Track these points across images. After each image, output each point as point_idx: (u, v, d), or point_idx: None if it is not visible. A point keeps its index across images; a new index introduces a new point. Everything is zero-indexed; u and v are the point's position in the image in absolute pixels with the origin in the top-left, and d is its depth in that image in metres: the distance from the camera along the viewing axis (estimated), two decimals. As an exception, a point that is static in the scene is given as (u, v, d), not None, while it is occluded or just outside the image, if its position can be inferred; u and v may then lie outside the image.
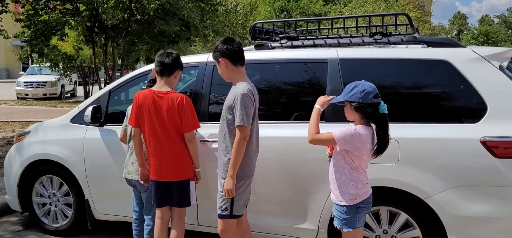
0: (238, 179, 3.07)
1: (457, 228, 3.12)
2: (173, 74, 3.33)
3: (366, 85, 2.71)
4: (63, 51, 15.38)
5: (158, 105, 3.24)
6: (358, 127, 2.73)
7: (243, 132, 2.95)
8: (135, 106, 3.33)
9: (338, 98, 2.86)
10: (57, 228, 4.57)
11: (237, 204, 3.10)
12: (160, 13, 12.24)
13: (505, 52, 3.35)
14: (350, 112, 2.77)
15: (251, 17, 19.67)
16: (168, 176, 3.30)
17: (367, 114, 2.71)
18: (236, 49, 3.10)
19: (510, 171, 3.00)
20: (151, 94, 3.28)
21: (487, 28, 64.33)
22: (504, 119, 3.06)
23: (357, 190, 2.77)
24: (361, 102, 2.69)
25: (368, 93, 2.68)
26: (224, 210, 3.10)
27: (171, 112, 3.23)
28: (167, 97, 3.25)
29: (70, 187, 4.44)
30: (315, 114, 2.90)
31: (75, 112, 4.47)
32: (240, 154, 2.98)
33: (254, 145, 3.14)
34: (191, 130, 3.29)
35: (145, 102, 3.28)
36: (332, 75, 3.49)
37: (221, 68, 3.16)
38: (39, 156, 4.49)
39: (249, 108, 2.95)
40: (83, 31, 13.37)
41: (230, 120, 3.04)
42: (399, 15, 3.85)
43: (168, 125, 3.25)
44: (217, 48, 3.14)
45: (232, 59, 3.09)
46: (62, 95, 20.45)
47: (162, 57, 3.31)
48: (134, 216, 3.74)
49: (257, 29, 4.15)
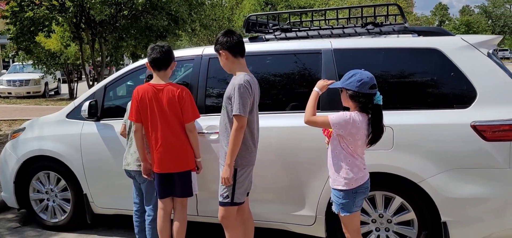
0: (239, 168, 3.14)
1: (450, 209, 3.25)
2: (169, 66, 3.40)
3: (364, 75, 2.80)
4: (46, 48, 15.17)
5: (159, 98, 3.30)
6: (353, 113, 2.83)
7: (239, 121, 3.03)
8: (135, 101, 3.37)
9: (336, 84, 2.95)
10: (56, 223, 4.59)
11: (238, 192, 3.18)
12: (148, 7, 12.18)
13: (492, 40, 3.49)
14: (346, 99, 2.87)
15: (236, 10, 19.68)
16: (171, 168, 3.36)
17: (360, 103, 2.80)
18: (236, 41, 3.17)
19: (498, 154, 3.14)
20: (150, 87, 3.34)
21: (468, 18, 65.51)
22: (492, 104, 3.19)
23: (353, 175, 2.86)
24: (356, 91, 2.78)
25: (365, 83, 2.78)
26: (225, 198, 3.18)
27: (172, 103, 3.29)
28: (166, 89, 3.31)
29: (67, 182, 4.46)
30: (313, 96, 3.00)
31: (71, 107, 4.48)
32: (237, 143, 3.05)
33: (255, 135, 3.22)
34: (192, 120, 3.36)
35: (145, 96, 3.32)
36: (327, 65, 3.58)
37: (222, 60, 3.23)
38: (35, 152, 4.50)
39: (245, 98, 3.02)
40: (70, 28, 13.20)
41: (230, 110, 3.11)
42: (390, 5, 3.96)
43: (170, 117, 3.31)
44: (218, 40, 3.20)
45: (232, 51, 3.16)
46: (46, 93, 20.15)
47: (155, 51, 3.35)
48: (135, 208, 3.79)
49: (251, 22, 4.21)
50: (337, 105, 3.18)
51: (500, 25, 74.07)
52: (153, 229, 3.62)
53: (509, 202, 3.19)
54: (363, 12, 4.20)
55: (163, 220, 3.48)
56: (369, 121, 2.84)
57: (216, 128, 3.73)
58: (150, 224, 3.63)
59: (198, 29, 15.66)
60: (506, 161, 3.12)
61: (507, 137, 3.12)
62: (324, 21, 4.39)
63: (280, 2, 27.67)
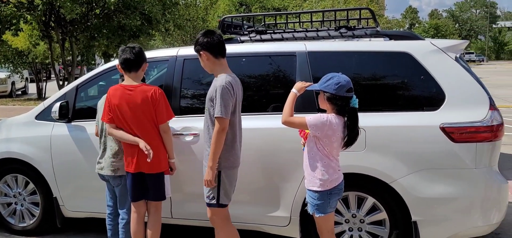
0: (223, 170, 3.13)
1: (420, 209, 3.34)
2: (140, 68, 3.35)
3: (341, 78, 2.86)
4: (14, 47, 14.70)
5: (131, 98, 3.25)
6: (330, 115, 2.88)
7: (221, 123, 3.01)
8: (107, 102, 3.32)
9: (314, 86, 2.99)
10: (24, 228, 4.46)
11: (222, 194, 3.16)
12: (121, 7, 11.97)
13: (460, 44, 3.61)
14: (323, 101, 2.92)
15: (211, 11, 19.60)
16: (143, 168, 3.32)
17: (337, 105, 2.86)
18: (216, 42, 3.14)
19: (465, 155, 3.25)
20: (121, 88, 3.29)
21: (437, 21, 67.47)
22: (460, 106, 3.30)
23: (328, 176, 2.91)
24: (334, 93, 2.83)
25: (342, 87, 2.83)
26: (211, 199, 3.16)
27: (145, 104, 3.24)
28: (139, 89, 3.26)
29: (36, 185, 4.34)
30: (291, 97, 3.03)
31: (40, 108, 4.36)
32: (219, 145, 3.04)
33: (237, 135, 3.20)
34: (165, 120, 3.32)
35: (116, 97, 3.28)
36: (301, 67, 3.62)
37: (203, 60, 3.19)
38: (2, 155, 4.36)
39: (227, 100, 3.01)
40: (39, 26, 12.82)
41: (212, 112, 3.09)
42: (363, 9, 4.04)
43: (143, 117, 3.26)
44: (198, 41, 3.16)
45: (213, 52, 3.13)
46: (13, 93, 19.54)
47: (126, 53, 3.30)
48: (108, 211, 3.73)
49: (226, 23, 4.21)
50: (310, 107, 3.21)
51: (467, 28, 76.74)
52: (126, 233, 3.56)
53: (475, 201, 3.31)
54: (336, 15, 4.26)
55: (137, 223, 3.44)
56: (345, 124, 2.89)
57: (191, 130, 3.72)
58: (123, 228, 3.57)
59: (172, 29, 15.51)
60: (473, 161, 3.24)
61: (473, 139, 3.23)
62: (299, 23, 4.43)
63: (254, 3, 27.74)
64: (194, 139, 3.71)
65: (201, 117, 3.80)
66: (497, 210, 3.37)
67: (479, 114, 3.26)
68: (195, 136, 3.70)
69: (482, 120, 3.24)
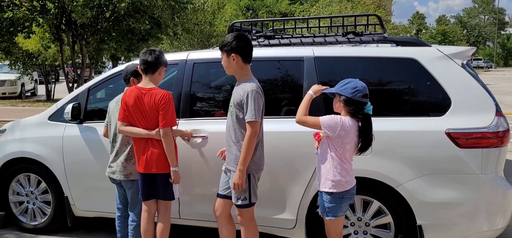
0: (253, 173, 3.19)
1: (425, 213, 3.38)
2: (157, 71, 3.42)
3: (358, 83, 2.93)
4: (24, 49, 14.89)
5: (142, 100, 3.34)
6: (344, 117, 2.95)
7: (254, 127, 3.06)
8: (122, 102, 3.41)
9: (330, 90, 3.06)
10: (36, 226, 4.55)
11: (252, 194, 3.23)
12: (131, 11, 12.12)
13: (467, 51, 3.65)
14: (338, 104, 2.99)
15: (218, 15, 19.73)
16: (154, 169, 3.39)
17: (352, 109, 2.93)
18: (250, 47, 3.19)
19: (471, 160, 3.29)
20: (136, 90, 3.38)
21: (444, 28, 67.15)
22: (466, 112, 3.35)
23: (341, 178, 2.96)
24: (350, 97, 2.91)
25: (358, 91, 2.91)
26: (243, 200, 3.22)
27: (152, 108, 3.33)
28: (149, 93, 3.34)
29: (48, 184, 4.43)
30: (306, 98, 3.11)
31: (53, 109, 4.46)
32: (251, 149, 3.09)
33: (261, 139, 3.25)
34: (166, 126, 3.33)
35: (130, 98, 3.37)
36: (309, 72, 3.68)
37: (230, 62, 3.18)
38: (16, 154, 4.46)
39: (259, 104, 3.07)
40: (50, 29, 13.00)
41: (240, 116, 3.14)
42: (370, 15, 4.09)
43: (151, 120, 3.35)
44: (231, 43, 3.14)
45: (244, 56, 3.18)
46: (22, 94, 19.74)
47: (146, 55, 3.39)
48: (118, 213, 3.80)
49: (235, 28, 4.28)
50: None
51: (475, 35, 76.30)
52: (136, 235, 3.62)
53: (481, 206, 3.35)
54: (344, 21, 4.31)
55: (147, 221, 3.52)
56: (359, 128, 2.95)
57: (200, 132, 3.78)
58: (133, 230, 3.63)
59: (180, 33, 15.64)
60: (478, 167, 3.27)
61: (479, 144, 3.27)
62: (307, 29, 4.49)
63: (261, 8, 27.86)
64: (203, 142, 3.77)
65: (210, 120, 3.89)
66: (502, 215, 3.39)
67: (485, 120, 3.30)
68: (204, 138, 3.77)
69: (488, 126, 3.28)
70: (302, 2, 30.55)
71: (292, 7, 28.06)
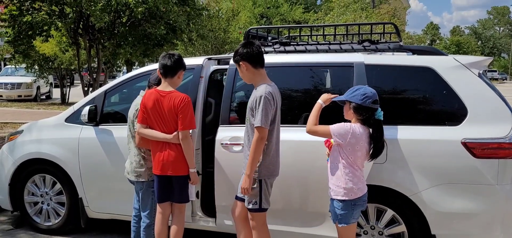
0: (264, 178, 3.19)
1: (440, 223, 3.35)
2: (176, 75, 3.46)
3: (368, 90, 2.93)
4: (41, 52, 15.14)
5: (161, 103, 3.38)
6: (354, 124, 2.95)
7: (260, 132, 3.07)
8: (142, 105, 3.47)
9: (340, 97, 3.06)
10: (49, 227, 4.61)
11: (264, 199, 3.22)
12: (147, 16, 12.26)
13: (484, 61, 3.62)
14: (348, 111, 2.99)
15: (233, 22, 19.84)
16: (170, 171, 3.42)
17: (362, 116, 2.92)
18: (256, 52, 3.20)
19: (487, 170, 3.25)
20: (155, 93, 3.43)
21: (459, 38, 66.50)
22: (482, 122, 3.31)
23: (353, 185, 2.96)
24: (360, 104, 2.90)
25: (368, 98, 2.90)
26: (254, 204, 3.22)
27: (171, 110, 3.37)
28: (169, 96, 3.39)
29: (63, 185, 4.49)
30: (316, 108, 3.12)
31: (70, 111, 4.53)
32: (257, 155, 3.09)
33: (274, 145, 3.23)
34: (185, 129, 3.36)
35: (149, 101, 3.41)
36: (359, 78, 3.55)
37: (242, 71, 3.25)
38: (33, 155, 4.52)
39: (267, 110, 3.06)
40: (68, 33, 13.21)
41: (252, 121, 3.15)
42: (386, 24, 4.09)
43: (169, 123, 3.39)
44: (238, 52, 3.22)
45: (253, 62, 3.20)
46: (38, 97, 20.05)
47: (165, 59, 3.44)
48: (134, 212, 3.83)
49: (251, 34, 4.31)
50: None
51: (489, 46, 75.45)
52: (148, 236, 3.66)
53: (497, 217, 3.30)
54: (359, 29, 4.31)
55: (161, 223, 3.55)
56: (369, 135, 2.95)
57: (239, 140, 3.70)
58: (144, 230, 3.67)
59: (195, 38, 15.76)
60: (494, 178, 3.24)
61: (495, 155, 3.24)
62: (322, 36, 4.49)
63: (275, 16, 27.98)
64: None
65: None
66: (518, 227, 3.34)
67: (502, 130, 3.26)
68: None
69: (505, 136, 3.24)
70: (316, 11, 30.60)
71: (306, 15, 28.13)
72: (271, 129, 3.15)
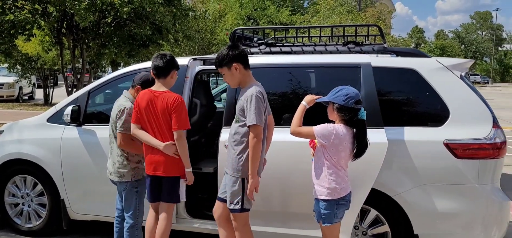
0: (247, 177, 3.16)
1: (422, 223, 3.39)
2: (169, 75, 3.44)
3: (350, 90, 2.94)
4: (23, 52, 14.89)
5: (154, 104, 3.37)
6: (337, 125, 2.96)
7: (255, 130, 3.05)
8: (136, 105, 3.45)
9: (323, 98, 3.07)
10: (30, 228, 4.52)
11: (246, 199, 3.19)
12: (133, 16, 12.17)
13: (465, 63, 3.68)
14: (332, 112, 3.00)
15: (219, 24, 19.80)
16: (161, 172, 3.41)
17: (346, 116, 2.93)
18: (245, 53, 3.22)
19: (468, 171, 3.31)
20: (148, 93, 3.41)
21: (443, 42, 67.62)
22: (464, 123, 3.37)
23: (336, 185, 2.97)
24: (342, 105, 2.91)
25: (350, 98, 2.91)
26: (235, 204, 3.21)
27: (164, 111, 3.35)
28: (162, 96, 3.37)
29: (45, 187, 4.41)
30: (300, 109, 3.12)
31: (52, 111, 4.46)
32: (256, 153, 3.07)
33: (263, 145, 3.21)
34: (178, 128, 3.35)
35: (142, 101, 3.40)
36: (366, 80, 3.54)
37: (233, 73, 3.19)
38: (13, 155, 4.44)
39: (260, 108, 3.06)
40: (51, 32, 13.02)
41: (242, 120, 3.14)
42: (371, 26, 4.12)
43: (162, 123, 3.37)
44: (228, 54, 3.16)
45: (244, 63, 3.20)
46: (20, 98, 19.68)
47: (157, 60, 3.42)
48: (116, 213, 3.79)
49: (237, 35, 4.31)
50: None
51: (472, 50, 76.75)
52: (131, 236, 3.63)
53: (477, 217, 3.36)
54: (344, 31, 4.34)
55: (153, 221, 3.55)
56: (353, 135, 2.96)
57: None
58: (128, 231, 3.64)
59: (181, 39, 15.69)
60: (475, 178, 3.29)
61: (476, 155, 3.29)
62: (308, 38, 4.51)
63: (262, 17, 28.01)
64: None
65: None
66: (498, 227, 3.41)
67: (483, 131, 3.32)
68: None
69: (485, 137, 3.30)
70: (303, 13, 30.73)
71: (292, 17, 28.21)
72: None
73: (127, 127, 3.50)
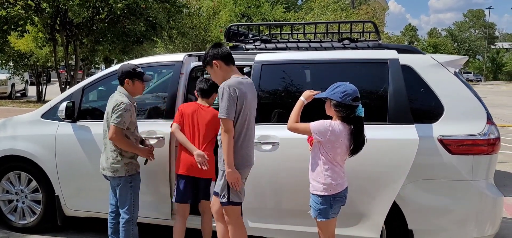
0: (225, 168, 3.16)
1: (417, 218, 3.42)
2: (210, 96, 3.78)
3: (348, 87, 2.94)
4: (16, 49, 14.77)
5: (201, 115, 3.66)
6: (334, 122, 2.96)
7: (225, 124, 3.07)
8: (180, 109, 3.75)
9: (321, 94, 3.07)
10: (25, 225, 4.50)
11: (232, 192, 3.21)
12: (127, 13, 12.12)
13: (460, 60, 3.70)
14: (330, 108, 3.01)
15: (213, 21, 19.76)
16: (197, 173, 3.60)
17: (343, 113, 2.94)
18: (225, 51, 3.29)
19: (462, 167, 3.33)
20: (196, 105, 3.72)
21: (436, 40, 67.98)
22: (458, 119, 3.39)
23: (332, 181, 2.98)
24: (339, 101, 2.92)
25: (348, 95, 2.91)
26: (222, 197, 3.23)
27: (211, 123, 3.63)
28: (211, 110, 3.69)
29: (39, 183, 4.39)
30: (298, 105, 3.13)
31: (46, 107, 4.43)
32: (227, 146, 3.07)
33: (242, 140, 3.18)
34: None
35: (188, 108, 3.70)
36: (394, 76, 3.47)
37: (215, 71, 3.26)
38: (7, 152, 4.41)
39: (230, 101, 3.05)
40: (44, 29, 12.92)
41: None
42: (366, 23, 4.13)
43: (209, 131, 3.63)
44: (208, 54, 3.28)
45: (225, 60, 3.24)
46: (12, 95, 19.51)
47: (202, 83, 3.78)
48: (110, 209, 3.79)
49: (232, 32, 4.31)
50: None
51: (465, 48, 77.25)
52: (126, 231, 3.63)
53: (471, 213, 3.39)
54: (340, 28, 4.35)
55: (180, 223, 3.70)
56: (350, 132, 2.97)
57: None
58: (124, 226, 3.64)
59: (175, 36, 15.65)
60: (469, 173, 3.32)
61: (470, 151, 3.32)
62: (303, 34, 4.53)
63: (256, 15, 28.02)
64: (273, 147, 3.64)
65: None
66: (491, 222, 3.44)
67: (477, 127, 3.35)
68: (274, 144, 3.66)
69: (479, 133, 3.33)
70: (297, 11, 30.77)
71: (286, 15, 28.25)
72: (239, 122, 3.13)
73: (120, 121, 3.49)
